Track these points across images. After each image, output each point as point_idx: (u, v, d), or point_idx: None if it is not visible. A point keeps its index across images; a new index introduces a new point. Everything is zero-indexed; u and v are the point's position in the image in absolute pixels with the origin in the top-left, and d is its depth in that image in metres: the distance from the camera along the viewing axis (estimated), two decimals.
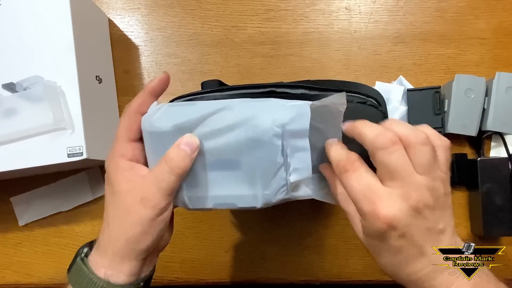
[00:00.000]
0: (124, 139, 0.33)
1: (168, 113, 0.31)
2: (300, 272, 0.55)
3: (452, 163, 0.52)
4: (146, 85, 0.33)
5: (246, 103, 0.31)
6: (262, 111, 0.30)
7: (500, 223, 0.50)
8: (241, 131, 0.30)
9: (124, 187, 0.31)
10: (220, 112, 0.30)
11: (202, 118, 0.30)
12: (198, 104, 0.31)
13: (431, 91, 0.52)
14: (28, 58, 0.46)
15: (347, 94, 0.38)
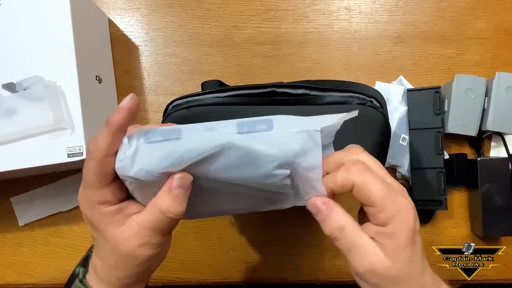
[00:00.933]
0: (98, 186, 0.28)
1: (148, 156, 0.26)
2: (300, 272, 0.55)
3: (452, 163, 0.52)
4: (109, 120, 0.26)
5: (246, 138, 0.26)
6: (264, 145, 0.26)
7: (500, 223, 0.50)
8: (245, 172, 0.26)
9: (117, 234, 0.29)
10: (218, 155, 0.26)
11: (194, 159, 0.26)
12: (185, 140, 0.26)
13: (431, 91, 0.52)
14: (28, 58, 0.46)
15: (347, 95, 0.39)
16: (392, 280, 0.28)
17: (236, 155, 0.26)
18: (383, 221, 0.28)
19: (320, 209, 0.29)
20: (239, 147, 0.26)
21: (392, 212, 0.28)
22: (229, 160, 0.26)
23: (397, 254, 0.28)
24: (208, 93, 0.40)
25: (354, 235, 0.28)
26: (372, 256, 0.28)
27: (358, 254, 0.28)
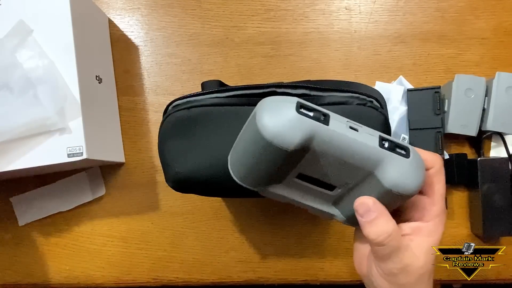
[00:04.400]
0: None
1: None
2: (300, 272, 0.55)
3: (452, 163, 0.52)
4: None
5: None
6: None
7: (500, 223, 0.50)
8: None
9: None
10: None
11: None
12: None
13: (431, 91, 0.52)
14: None
15: (347, 95, 0.39)
16: (419, 280, 0.29)
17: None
18: (430, 217, 0.29)
19: (371, 210, 0.28)
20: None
21: (440, 210, 0.30)
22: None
23: (429, 255, 0.30)
24: (208, 93, 0.40)
25: (398, 240, 0.29)
26: (409, 258, 0.29)
27: (397, 257, 0.29)
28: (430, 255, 0.30)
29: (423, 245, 0.29)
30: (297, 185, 0.31)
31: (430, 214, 0.30)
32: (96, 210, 0.57)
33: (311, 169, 0.29)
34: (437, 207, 0.30)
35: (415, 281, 0.29)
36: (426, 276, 0.30)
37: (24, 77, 0.45)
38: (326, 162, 0.28)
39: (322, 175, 0.29)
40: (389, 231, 0.28)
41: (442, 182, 0.30)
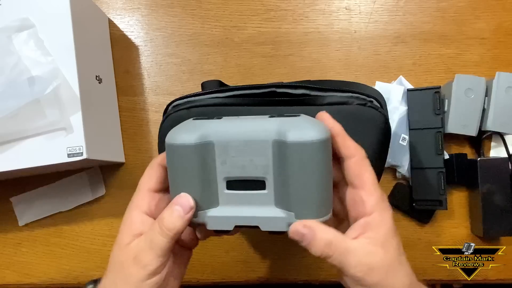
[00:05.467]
0: (143, 189, 0.32)
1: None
2: (300, 272, 0.55)
3: (452, 163, 0.52)
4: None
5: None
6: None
7: (500, 223, 0.50)
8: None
9: (125, 240, 0.31)
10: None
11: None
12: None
13: (431, 91, 0.52)
14: None
15: (347, 95, 0.39)
16: (389, 272, 0.29)
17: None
18: (370, 208, 0.29)
19: (304, 233, 0.29)
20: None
21: (378, 198, 0.29)
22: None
23: (387, 244, 0.29)
24: (208, 93, 0.40)
25: (343, 244, 0.29)
26: (366, 256, 0.28)
27: (353, 260, 0.28)
28: (389, 245, 0.29)
29: (377, 238, 0.29)
30: (233, 199, 0.31)
31: (370, 205, 0.29)
32: (96, 210, 0.57)
33: (229, 168, 0.30)
34: (374, 195, 0.29)
35: (386, 275, 0.28)
36: (395, 266, 0.29)
37: (24, 74, 0.45)
38: (235, 151, 0.29)
39: (242, 170, 0.30)
40: (328, 242, 0.28)
41: (369, 171, 0.30)
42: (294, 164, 0.28)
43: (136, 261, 0.29)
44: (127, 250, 0.30)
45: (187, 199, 0.29)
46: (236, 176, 0.30)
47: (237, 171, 0.30)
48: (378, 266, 0.28)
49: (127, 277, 0.29)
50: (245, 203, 0.31)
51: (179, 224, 0.29)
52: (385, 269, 0.29)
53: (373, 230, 0.29)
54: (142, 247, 0.29)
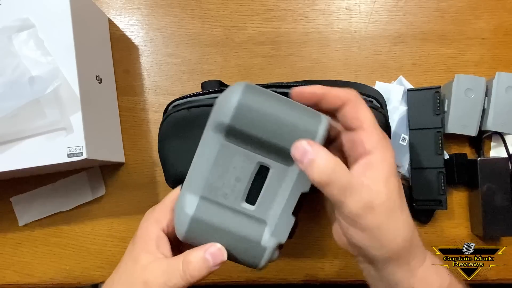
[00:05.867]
0: (168, 205, 0.31)
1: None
2: (300, 272, 0.55)
3: (452, 163, 0.52)
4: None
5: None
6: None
7: (500, 223, 0.50)
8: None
9: (141, 258, 0.30)
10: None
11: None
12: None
13: (431, 91, 0.52)
14: None
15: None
16: (390, 215, 0.27)
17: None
18: (371, 147, 0.27)
19: (307, 150, 0.26)
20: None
21: (378, 137, 0.27)
22: None
23: (389, 184, 0.27)
24: (208, 93, 0.40)
25: (347, 175, 0.26)
26: (368, 193, 0.26)
27: (354, 194, 0.26)
28: (391, 185, 0.27)
29: (379, 177, 0.27)
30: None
31: (370, 144, 0.27)
32: (96, 210, 0.57)
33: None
34: (373, 135, 0.27)
35: (387, 218, 0.27)
36: (396, 211, 0.27)
37: (25, 75, 0.45)
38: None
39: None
40: (331, 166, 0.26)
41: (365, 110, 0.28)
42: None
43: (146, 287, 0.28)
44: (142, 272, 0.29)
45: (221, 252, 0.28)
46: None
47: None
48: (379, 206, 0.26)
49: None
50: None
51: (204, 273, 0.28)
52: (387, 211, 0.27)
53: (375, 169, 0.27)
54: (157, 278, 0.28)
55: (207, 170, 0.29)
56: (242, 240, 0.29)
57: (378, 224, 0.27)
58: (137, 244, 0.31)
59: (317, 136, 0.28)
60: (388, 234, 0.27)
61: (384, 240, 0.27)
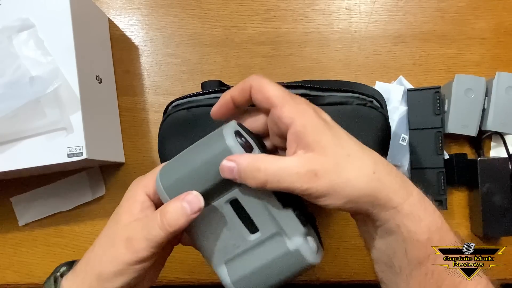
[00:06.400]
0: (156, 174, 0.31)
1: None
2: None
3: (452, 163, 0.52)
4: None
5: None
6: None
7: (500, 223, 0.50)
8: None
9: (123, 218, 0.30)
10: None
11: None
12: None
13: (431, 91, 0.52)
14: None
15: (347, 95, 0.39)
16: (337, 169, 0.26)
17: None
18: (287, 119, 0.27)
19: (230, 166, 0.26)
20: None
21: (290, 106, 0.27)
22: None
23: (320, 143, 0.26)
24: (208, 93, 0.40)
25: (274, 163, 0.26)
26: (303, 165, 0.26)
27: (291, 176, 0.26)
28: (323, 143, 0.26)
29: (308, 142, 0.26)
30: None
31: (285, 116, 0.27)
32: (96, 210, 0.57)
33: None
34: (284, 107, 0.27)
35: (336, 173, 0.26)
36: (343, 160, 0.26)
37: (26, 76, 0.45)
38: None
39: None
40: (255, 164, 0.26)
41: (271, 87, 0.28)
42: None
43: (128, 244, 0.29)
44: (122, 230, 0.29)
45: (198, 199, 0.27)
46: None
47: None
48: (321, 169, 0.25)
49: (115, 256, 0.29)
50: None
51: (182, 222, 0.27)
52: (332, 168, 0.26)
53: (302, 138, 0.26)
54: (137, 233, 0.29)
55: (211, 244, 0.31)
56: (279, 261, 0.29)
57: (331, 183, 0.26)
58: (121, 208, 0.31)
59: (232, 149, 0.27)
60: (346, 185, 0.26)
61: (347, 191, 0.26)
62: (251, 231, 0.30)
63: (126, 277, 0.29)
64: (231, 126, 0.29)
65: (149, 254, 0.28)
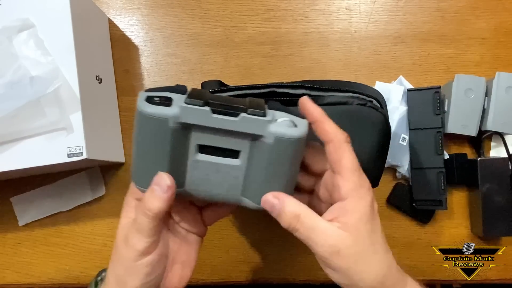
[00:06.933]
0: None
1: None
2: (300, 272, 0.55)
3: (452, 163, 0.52)
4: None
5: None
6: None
7: (500, 223, 0.50)
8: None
9: (121, 222, 0.32)
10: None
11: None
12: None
13: (431, 91, 0.52)
14: None
15: (347, 95, 0.39)
16: (357, 259, 0.28)
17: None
18: (344, 194, 0.29)
19: (273, 203, 0.29)
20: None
21: (354, 185, 0.29)
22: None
23: (358, 230, 0.28)
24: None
25: (311, 220, 0.29)
26: (333, 237, 0.28)
27: (319, 238, 0.28)
28: (360, 231, 0.28)
29: (348, 224, 0.28)
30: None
31: (344, 191, 0.29)
32: (96, 210, 0.57)
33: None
34: (349, 182, 0.29)
35: (355, 261, 0.28)
36: (366, 254, 0.29)
37: (26, 76, 0.45)
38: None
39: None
40: (296, 214, 0.29)
41: (347, 156, 0.29)
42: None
43: (126, 242, 0.30)
44: (120, 232, 0.31)
45: (163, 178, 0.29)
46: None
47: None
48: (345, 250, 0.28)
49: (120, 258, 0.30)
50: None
51: (158, 204, 0.29)
52: (354, 255, 0.28)
53: (346, 216, 0.29)
54: (130, 228, 0.30)
55: (220, 192, 0.32)
56: (274, 159, 0.29)
57: (346, 266, 0.28)
58: (121, 217, 0.33)
59: (154, 115, 0.30)
60: (357, 275, 0.28)
61: (354, 280, 0.29)
62: (235, 156, 0.30)
63: (138, 276, 0.30)
64: (140, 97, 0.30)
65: (145, 245, 0.30)
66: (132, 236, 0.30)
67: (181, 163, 0.30)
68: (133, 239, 0.30)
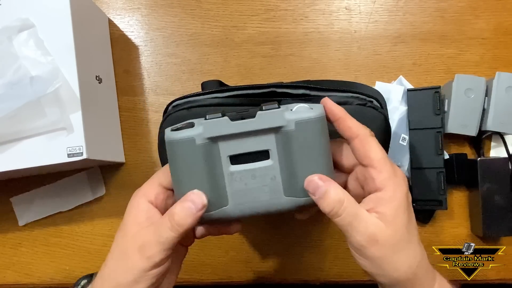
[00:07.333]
0: (155, 181, 0.32)
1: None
2: (300, 272, 0.55)
3: (452, 163, 0.52)
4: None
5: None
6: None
7: (500, 223, 0.50)
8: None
9: (130, 229, 0.31)
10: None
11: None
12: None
13: (431, 91, 0.52)
14: None
15: (347, 95, 0.39)
16: (394, 248, 0.29)
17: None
18: (380, 184, 0.29)
19: (318, 184, 0.29)
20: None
21: (388, 174, 0.29)
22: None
23: (396, 220, 0.29)
24: (208, 93, 0.40)
25: (354, 207, 0.29)
26: (373, 226, 0.28)
27: (360, 226, 0.28)
28: (398, 221, 0.29)
29: (386, 213, 0.29)
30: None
31: (379, 181, 0.29)
32: (96, 210, 0.57)
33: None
34: (383, 172, 0.29)
35: (391, 251, 0.28)
36: (402, 244, 0.29)
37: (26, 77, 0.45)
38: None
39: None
40: (341, 199, 0.29)
41: (375, 148, 0.30)
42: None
43: (141, 251, 0.29)
44: (133, 240, 0.30)
45: (200, 196, 0.29)
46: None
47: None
48: (383, 240, 0.28)
49: (130, 265, 0.30)
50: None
51: (190, 221, 0.29)
52: (391, 245, 0.28)
53: (384, 205, 0.29)
54: (149, 239, 0.29)
55: (264, 199, 0.32)
56: (303, 147, 0.30)
57: (382, 256, 0.28)
58: (126, 221, 0.32)
59: (177, 140, 0.30)
60: (392, 265, 0.29)
61: (388, 270, 0.29)
62: (266, 157, 0.31)
63: (143, 285, 0.30)
64: (167, 132, 0.31)
65: (163, 257, 0.29)
66: (152, 247, 0.29)
67: (218, 181, 0.30)
68: (152, 250, 0.29)
